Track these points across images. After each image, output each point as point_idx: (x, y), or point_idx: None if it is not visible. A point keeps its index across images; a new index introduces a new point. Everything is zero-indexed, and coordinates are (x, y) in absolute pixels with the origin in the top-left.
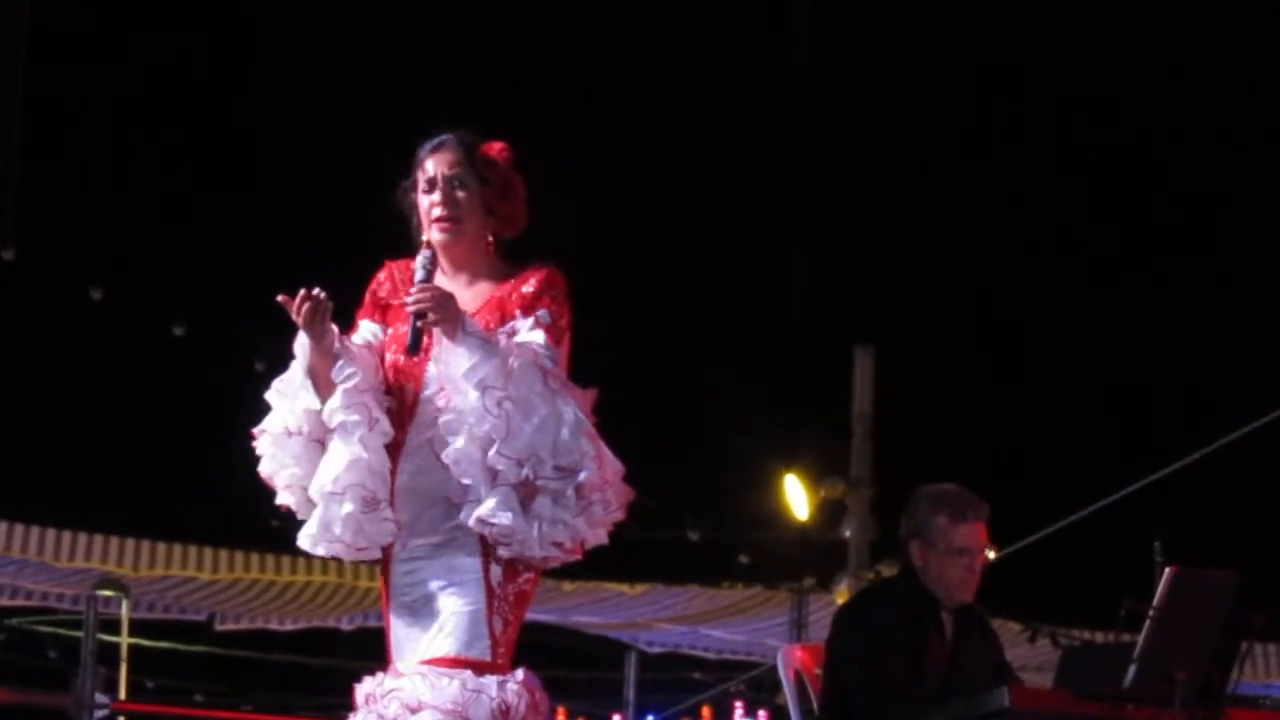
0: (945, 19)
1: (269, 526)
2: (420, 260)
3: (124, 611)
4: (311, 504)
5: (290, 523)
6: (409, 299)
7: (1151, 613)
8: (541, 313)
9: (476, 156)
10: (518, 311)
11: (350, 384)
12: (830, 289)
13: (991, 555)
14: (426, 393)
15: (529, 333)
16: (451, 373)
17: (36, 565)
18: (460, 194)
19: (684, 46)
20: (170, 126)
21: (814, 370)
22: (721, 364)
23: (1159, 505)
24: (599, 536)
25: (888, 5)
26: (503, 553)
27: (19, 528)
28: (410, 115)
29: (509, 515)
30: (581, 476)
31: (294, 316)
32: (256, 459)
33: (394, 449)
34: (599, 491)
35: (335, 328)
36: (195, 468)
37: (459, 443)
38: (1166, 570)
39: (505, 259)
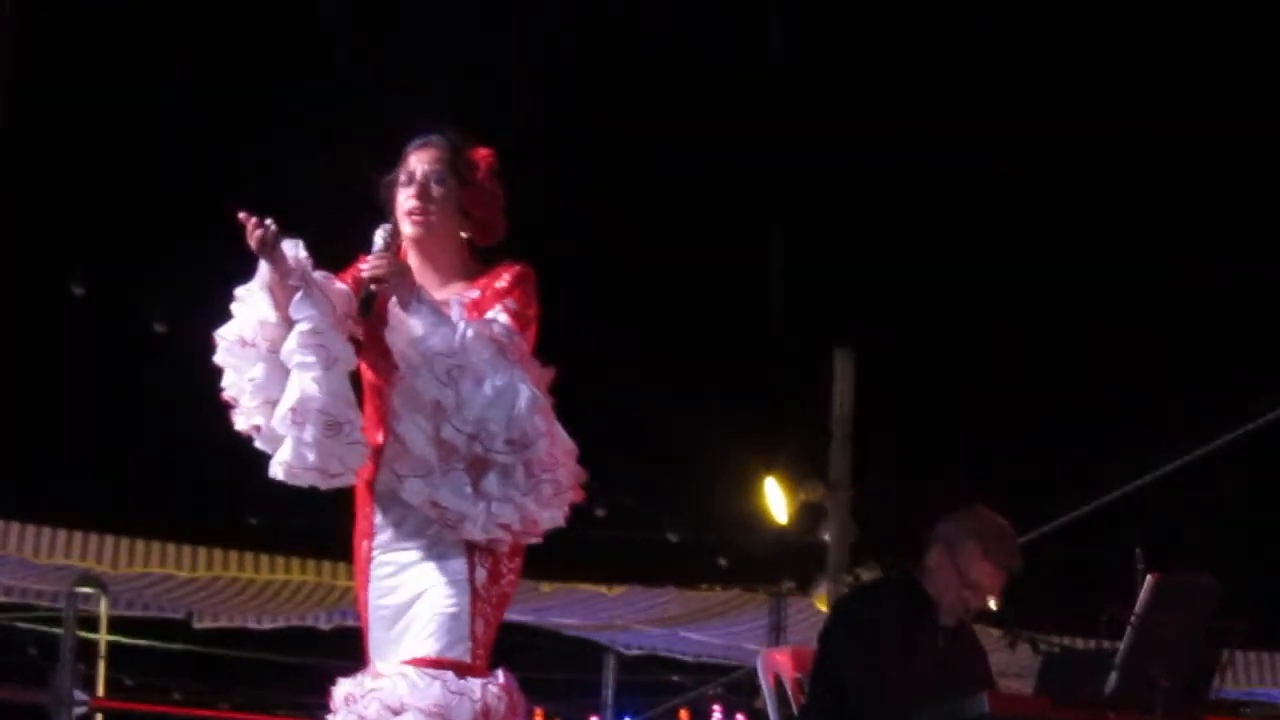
0: (923, 19)
1: (248, 524)
2: (380, 233)
3: (102, 608)
4: (275, 432)
5: (270, 521)
6: (364, 265)
7: (1133, 619)
8: (508, 300)
9: (460, 157)
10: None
11: (306, 326)
12: (810, 292)
13: (994, 605)
14: None
15: (494, 315)
16: (403, 344)
17: (15, 561)
18: (436, 190)
19: (658, 45)
20: (157, 122)
21: (793, 373)
22: (701, 366)
23: (1141, 511)
24: (554, 519)
25: (865, 5)
26: (448, 535)
27: None
28: (413, 120)
29: (459, 500)
30: (529, 453)
31: (248, 240)
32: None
33: (373, 453)
34: (549, 470)
35: (303, 256)
36: (175, 465)
37: (412, 413)
38: (1148, 577)
39: (480, 262)
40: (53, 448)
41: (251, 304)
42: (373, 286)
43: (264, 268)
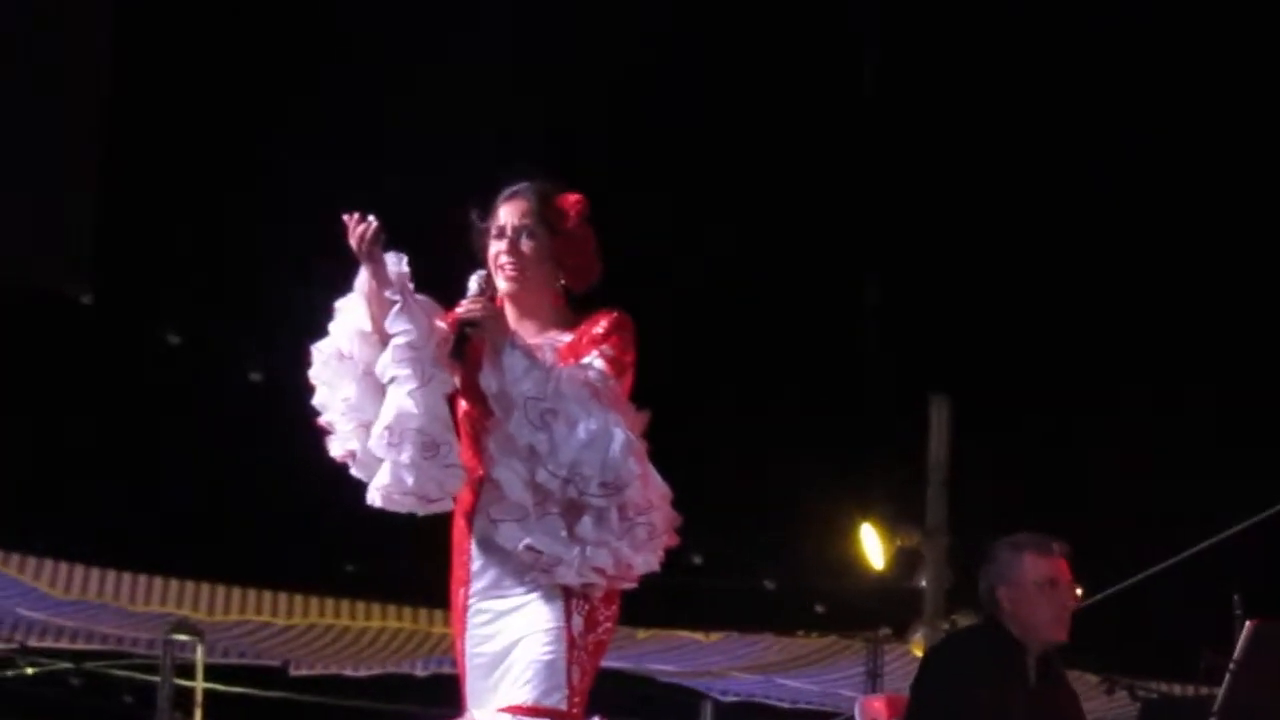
0: (1022, 53)
1: (344, 571)
2: (474, 278)
3: (199, 656)
4: (371, 456)
5: (366, 568)
6: (459, 308)
7: (1231, 666)
8: (604, 346)
9: (549, 207)
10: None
11: (402, 340)
12: (905, 336)
13: (1079, 593)
14: None
15: (589, 360)
16: (497, 388)
17: (112, 609)
18: (527, 244)
19: (750, 86)
20: (251, 174)
21: (889, 419)
22: (796, 412)
23: (1241, 556)
24: (649, 563)
25: (961, 42)
26: (543, 579)
27: (94, 571)
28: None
29: (554, 544)
30: (623, 496)
31: (350, 240)
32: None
33: (470, 489)
34: (644, 514)
35: (405, 270)
36: (271, 512)
37: (508, 457)
38: (1247, 624)
39: (575, 310)
40: (147, 495)
41: (349, 314)
42: (466, 329)
43: (363, 275)
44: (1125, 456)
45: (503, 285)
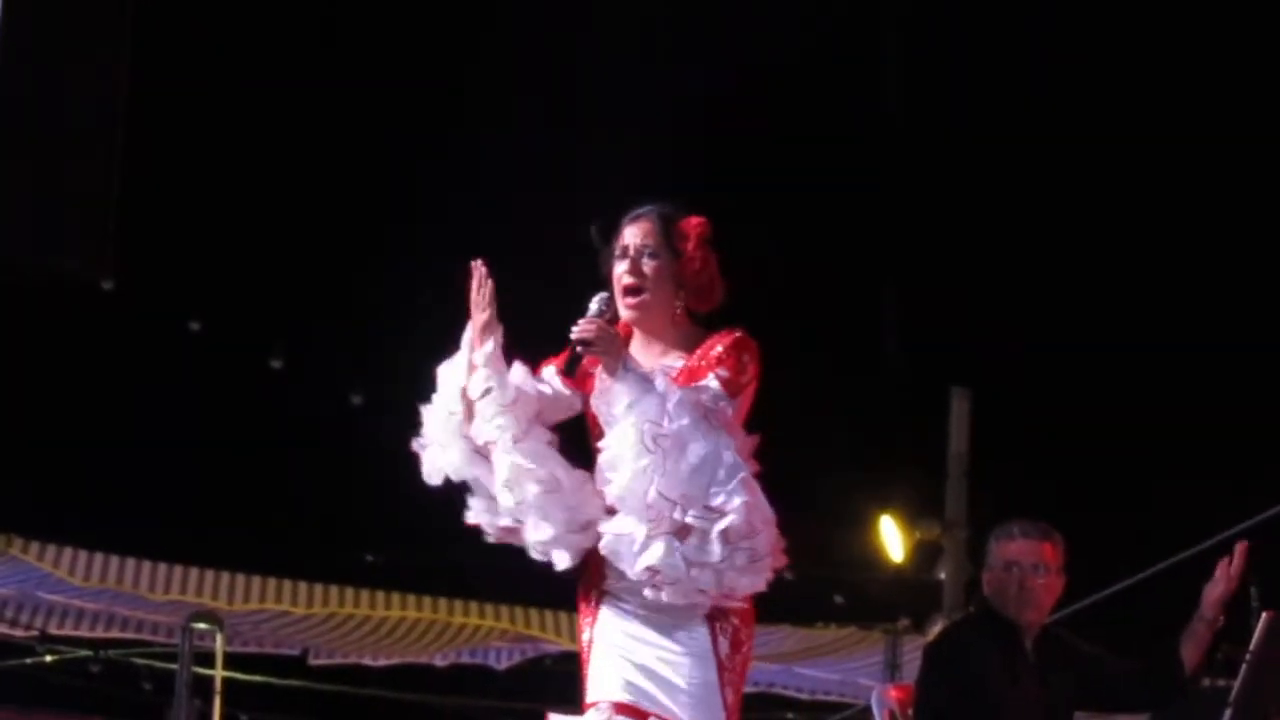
0: (1037, 57)
1: (364, 561)
2: (595, 301)
3: (218, 644)
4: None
5: (387, 558)
6: (574, 328)
7: (1247, 657)
8: (720, 369)
9: (673, 229)
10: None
11: (503, 400)
12: (926, 329)
13: (1042, 576)
14: None
15: (706, 382)
16: (611, 410)
17: (130, 597)
18: (649, 264)
19: (774, 84)
20: (281, 153)
21: (910, 412)
22: (817, 404)
23: (1257, 548)
24: (753, 584)
25: (981, 45)
26: (649, 595)
27: (114, 559)
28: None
29: (669, 563)
30: (726, 521)
31: (473, 290)
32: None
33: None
34: (746, 539)
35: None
36: (291, 501)
37: (621, 479)
38: (1263, 614)
39: (701, 328)
40: (168, 483)
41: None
42: (580, 349)
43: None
44: (1144, 447)
45: (625, 315)
